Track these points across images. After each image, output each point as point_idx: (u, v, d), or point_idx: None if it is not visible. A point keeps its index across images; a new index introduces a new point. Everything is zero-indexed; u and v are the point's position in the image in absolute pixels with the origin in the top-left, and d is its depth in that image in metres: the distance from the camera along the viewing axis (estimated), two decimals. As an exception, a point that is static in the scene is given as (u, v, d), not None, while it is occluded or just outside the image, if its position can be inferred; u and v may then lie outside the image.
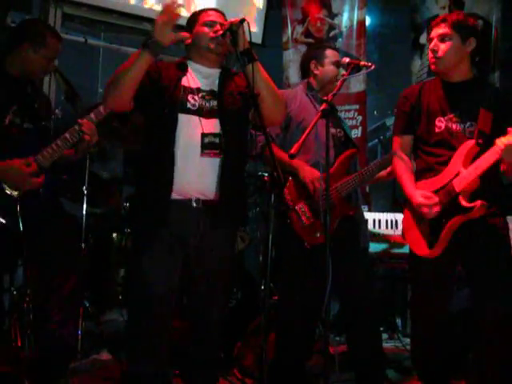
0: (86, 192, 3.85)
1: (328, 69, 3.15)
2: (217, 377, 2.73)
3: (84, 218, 3.85)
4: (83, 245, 3.81)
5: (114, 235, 4.46)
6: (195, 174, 2.39)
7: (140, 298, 2.41)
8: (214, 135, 2.40)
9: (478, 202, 2.49)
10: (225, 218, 2.44)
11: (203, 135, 2.39)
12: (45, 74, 3.14)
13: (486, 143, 2.51)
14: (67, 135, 2.82)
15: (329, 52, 3.19)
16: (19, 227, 2.65)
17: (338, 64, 3.11)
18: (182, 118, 2.40)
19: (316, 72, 3.18)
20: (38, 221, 2.77)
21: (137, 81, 2.30)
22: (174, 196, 2.37)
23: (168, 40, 2.25)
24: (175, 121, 2.39)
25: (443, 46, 2.66)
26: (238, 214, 2.56)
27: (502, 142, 2.42)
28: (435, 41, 2.68)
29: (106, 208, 4.57)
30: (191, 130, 2.39)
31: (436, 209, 2.58)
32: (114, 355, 3.47)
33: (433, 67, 2.73)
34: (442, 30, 2.66)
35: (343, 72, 3.01)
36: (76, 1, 4.87)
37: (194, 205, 2.38)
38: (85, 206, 3.86)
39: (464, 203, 2.53)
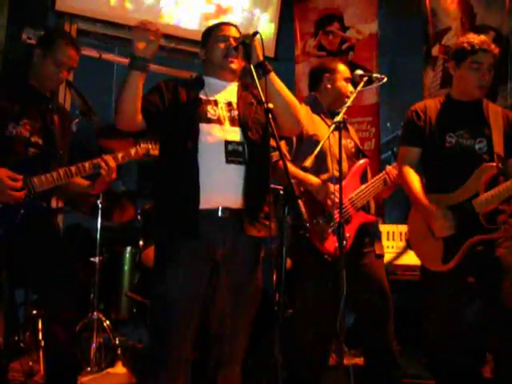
0: (100, 206, 3.88)
1: (340, 84, 3.11)
2: None
3: (98, 231, 3.88)
4: (97, 258, 3.84)
5: (128, 249, 4.48)
6: (221, 182, 2.34)
7: (164, 310, 2.33)
8: (237, 143, 2.38)
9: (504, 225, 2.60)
10: (251, 225, 2.38)
11: (227, 142, 2.37)
12: (57, 83, 2.90)
13: (503, 166, 2.69)
14: (86, 164, 2.75)
15: (341, 67, 3.16)
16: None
17: (348, 79, 3.10)
18: (203, 128, 2.38)
19: (328, 86, 3.13)
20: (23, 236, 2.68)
21: (136, 98, 2.30)
22: (201, 206, 2.32)
23: (151, 54, 2.28)
24: (197, 131, 2.36)
25: (490, 76, 2.77)
26: (264, 223, 2.45)
27: None
28: (486, 69, 2.74)
29: (120, 221, 4.59)
30: (213, 138, 2.37)
31: (451, 232, 2.66)
32: (128, 368, 3.48)
33: (482, 93, 2.79)
34: (492, 59, 2.75)
35: (352, 89, 3.02)
36: (90, 17, 4.95)
37: (220, 214, 2.33)
38: (99, 219, 3.89)
39: (487, 224, 2.60)
